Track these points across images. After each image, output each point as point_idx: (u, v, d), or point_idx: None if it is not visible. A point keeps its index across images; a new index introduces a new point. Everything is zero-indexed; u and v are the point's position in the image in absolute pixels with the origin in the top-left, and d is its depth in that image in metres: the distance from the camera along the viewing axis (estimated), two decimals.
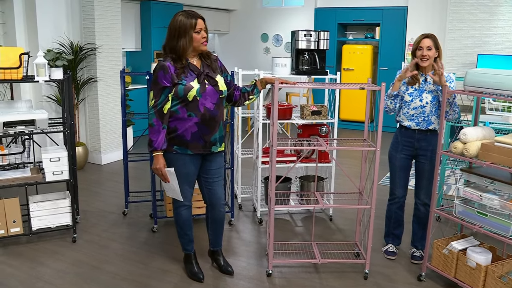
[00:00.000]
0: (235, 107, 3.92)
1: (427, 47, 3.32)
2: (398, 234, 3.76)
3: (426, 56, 3.32)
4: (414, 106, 3.44)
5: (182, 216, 3.27)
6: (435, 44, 3.34)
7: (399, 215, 3.69)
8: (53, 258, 3.66)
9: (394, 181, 3.64)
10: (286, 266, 3.57)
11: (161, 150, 3.01)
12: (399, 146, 3.57)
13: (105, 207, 4.76)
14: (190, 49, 2.99)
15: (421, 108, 3.41)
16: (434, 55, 3.35)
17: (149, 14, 8.21)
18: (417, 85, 3.43)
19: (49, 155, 3.82)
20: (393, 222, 3.72)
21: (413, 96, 3.43)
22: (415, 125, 3.45)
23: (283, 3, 9.87)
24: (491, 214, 2.95)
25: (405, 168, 3.59)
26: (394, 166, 3.61)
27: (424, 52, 3.32)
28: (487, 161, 2.91)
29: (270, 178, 3.34)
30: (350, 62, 9.10)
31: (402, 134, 3.55)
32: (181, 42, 2.96)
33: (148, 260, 3.65)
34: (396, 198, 3.64)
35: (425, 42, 3.33)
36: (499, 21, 7.34)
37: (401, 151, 3.56)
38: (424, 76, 3.43)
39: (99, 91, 6.18)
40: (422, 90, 3.42)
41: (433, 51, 3.33)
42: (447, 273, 3.23)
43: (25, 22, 5.78)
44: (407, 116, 3.49)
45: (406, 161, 3.57)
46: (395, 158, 3.59)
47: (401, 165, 3.57)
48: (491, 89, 2.92)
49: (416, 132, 3.46)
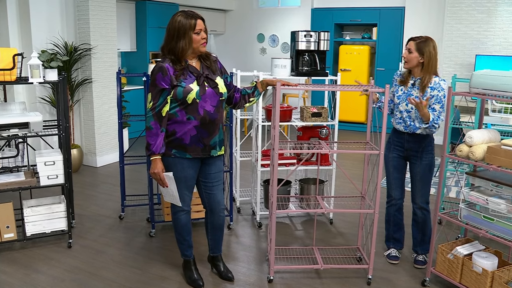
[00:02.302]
0: (235, 109, 3.82)
1: (408, 49, 3.31)
2: (398, 238, 3.70)
3: (405, 58, 3.33)
4: (401, 109, 3.42)
5: (181, 221, 3.19)
6: (418, 48, 3.27)
7: (398, 218, 3.64)
8: (48, 265, 3.57)
9: (389, 182, 3.62)
10: (287, 271, 3.50)
11: (159, 154, 2.93)
12: (391, 146, 3.56)
13: (101, 211, 4.67)
14: (189, 51, 2.91)
15: (407, 112, 3.39)
16: (416, 59, 3.29)
17: (144, 14, 8.10)
18: (406, 88, 3.41)
19: (43, 158, 3.72)
20: (393, 225, 3.67)
21: (400, 100, 3.42)
22: (403, 128, 3.43)
23: (279, 4, 9.81)
24: (497, 219, 2.89)
25: (398, 168, 3.55)
26: (388, 166, 3.58)
27: (404, 53, 3.35)
28: (493, 165, 2.85)
29: (271, 182, 3.27)
30: (347, 63, 9.04)
31: (394, 135, 3.55)
32: (180, 44, 2.88)
33: (146, 266, 3.56)
34: (393, 200, 3.60)
35: (408, 44, 3.33)
36: (497, 22, 7.31)
37: (393, 150, 3.54)
38: (413, 80, 3.39)
39: (94, 92, 6.08)
40: (409, 94, 3.39)
41: (413, 54, 3.28)
42: (452, 279, 3.17)
43: (19, 22, 5.67)
44: (396, 118, 3.48)
45: (399, 160, 3.54)
46: (388, 158, 3.57)
47: (394, 165, 3.55)
48: (497, 91, 2.87)
49: (405, 134, 3.45)
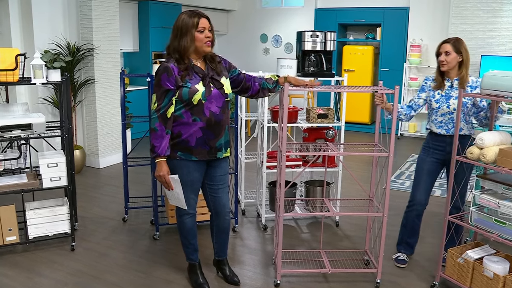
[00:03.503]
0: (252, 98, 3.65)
1: (445, 52, 3.28)
2: (411, 243, 3.63)
3: (443, 62, 3.29)
4: (441, 112, 3.37)
5: (186, 225, 3.13)
6: (455, 48, 3.27)
7: (416, 225, 3.57)
8: (51, 268, 3.51)
9: (417, 185, 3.51)
10: (294, 275, 3.44)
11: (164, 156, 2.87)
12: (430, 150, 3.49)
13: (104, 213, 4.62)
14: (192, 49, 2.85)
15: (449, 114, 3.35)
16: (455, 59, 3.28)
17: (147, 14, 8.05)
18: (443, 91, 3.37)
19: (46, 160, 3.68)
20: (409, 230, 3.59)
21: (440, 103, 3.37)
22: (445, 132, 3.38)
23: (283, 4, 9.76)
24: (509, 223, 2.84)
25: (432, 173, 3.48)
26: (421, 169, 3.50)
27: (442, 58, 3.30)
28: (505, 168, 2.79)
29: (278, 185, 3.21)
30: (351, 63, 8.99)
31: (433, 139, 3.47)
32: (183, 42, 2.83)
33: (150, 270, 3.51)
34: (416, 204, 3.50)
35: (444, 47, 3.30)
36: (502, 22, 7.26)
37: (432, 155, 3.47)
38: (450, 82, 3.37)
39: (96, 93, 6.03)
40: (448, 96, 3.35)
41: (452, 55, 3.27)
42: (462, 283, 3.11)
43: (21, 22, 5.63)
44: (436, 123, 3.42)
45: (435, 165, 3.47)
46: (424, 161, 3.50)
47: (429, 168, 3.47)
48: (509, 92, 2.81)
49: (447, 137, 3.39)
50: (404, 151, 7.47)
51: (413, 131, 8.56)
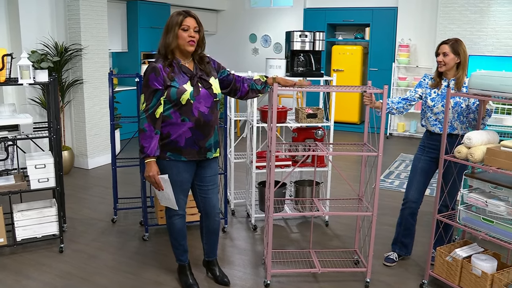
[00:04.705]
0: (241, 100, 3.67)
1: (443, 53, 3.33)
2: (406, 243, 3.65)
3: (441, 62, 3.34)
4: (436, 111, 3.41)
5: (176, 225, 3.12)
6: (453, 49, 3.31)
7: (410, 223, 3.59)
8: (39, 270, 3.48)
9: (411, 183, 3.55)
10: (284, 275, 3.44)
11: (153, 156, 2.86)
12: (425, 149, 3.53)
13: (93, 215, 4.59)
14: (174, 45, 2.85)
15: (443, 113, 3.37)
16: (453, 60, 3.33)
17: (135, 14, 8.01)
18: (439, 90, 3.41)
19: (34, 161, 3.64)
20: (403, 229, 3.61)
21: (435, 101, 3.41)
22: (439, 130, 3.42)
23: (272, 4, 9.76)
24: (497, 221, 2.86)
25: (426, 171, 3.51)
26: (416, 167, 3.54)
27: (440, 58, 3.34)
28: (493, 166, 2.82)
29: (267, 185, 3.21)
30: (340, 63, 9.02)
31: (428, 138, 3.52)
32: (167, 38, 2.84)
33: (139, 271, 3.49)
34: (409, 202, 3.54)
35: (442, 48, 3.35)
36: (489, 22, 7.33)
37: (427, 153, 3.51)
38: (447, 82, 3.41)
39: (85, 93, 5.98)
40: (444, 95, 3.39)
41: (450, 56, 3.32)
42: (451, 281, 3.13)
43: (8, 22, 5.56)
44: (430, 121, 3.46)
45: (429, 164, 3.50)
46: (419, 160, 3.54)
47: (423, 167, 3.51)
48: (496, 92, 2.84)
49: (441, 135, 3.40)
50: (393, 150, 7.51)
51: (402, 130, 8.61)
